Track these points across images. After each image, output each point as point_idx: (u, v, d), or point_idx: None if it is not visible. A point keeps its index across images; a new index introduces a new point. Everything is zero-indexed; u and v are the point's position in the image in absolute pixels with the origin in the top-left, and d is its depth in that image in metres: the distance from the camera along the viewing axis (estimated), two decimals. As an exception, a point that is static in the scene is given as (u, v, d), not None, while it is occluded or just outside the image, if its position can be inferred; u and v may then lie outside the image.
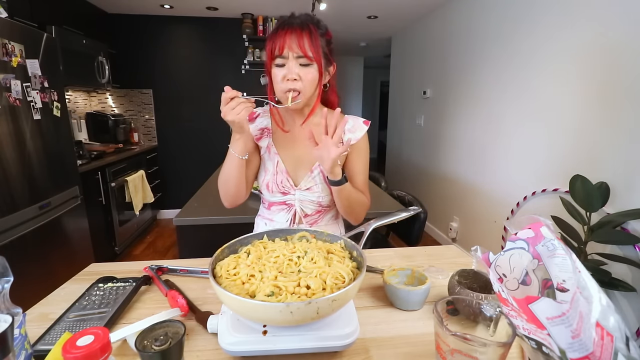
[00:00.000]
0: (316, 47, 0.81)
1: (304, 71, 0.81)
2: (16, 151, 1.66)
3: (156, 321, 0.49)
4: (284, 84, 0.81)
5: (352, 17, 3.56)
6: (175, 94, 3.67)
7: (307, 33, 0.80)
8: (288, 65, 0.80)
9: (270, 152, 0.95)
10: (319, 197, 0.94)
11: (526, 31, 2.09)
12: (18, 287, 0.58)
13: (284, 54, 0.80)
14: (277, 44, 0.80)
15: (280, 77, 0.81)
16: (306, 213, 0.96)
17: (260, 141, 0.97)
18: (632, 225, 1.50)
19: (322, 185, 0.92)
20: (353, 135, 0.94)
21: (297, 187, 0.94)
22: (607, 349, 0.38)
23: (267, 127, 0.97)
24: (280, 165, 0.94)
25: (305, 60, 0.80)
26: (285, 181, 0.93)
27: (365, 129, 0.95)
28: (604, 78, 1.62)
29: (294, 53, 0.80)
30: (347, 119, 0.95)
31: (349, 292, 0.52)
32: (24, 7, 2.11)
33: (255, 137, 0.97)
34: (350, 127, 0.95)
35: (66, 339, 0.48)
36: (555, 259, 0.47)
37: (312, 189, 0.93)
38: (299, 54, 0.79)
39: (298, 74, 0.81)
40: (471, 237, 2.78)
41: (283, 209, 0.97)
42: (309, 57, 0.80)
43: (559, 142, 1.89)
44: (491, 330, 0.48)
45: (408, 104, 3.92)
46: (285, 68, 0.81)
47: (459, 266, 0.74)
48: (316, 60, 0.81)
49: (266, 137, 0.96)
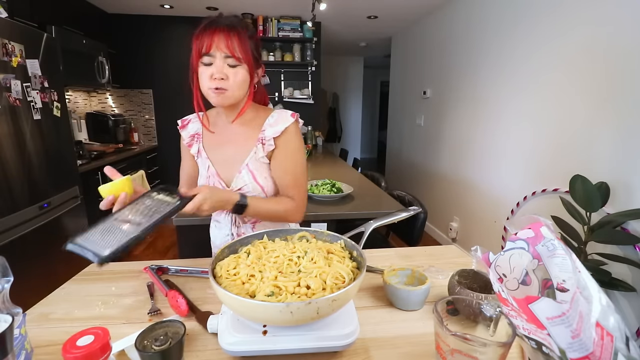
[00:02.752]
0: (245, 48, 0.80)
1: (233, 71, 0.80)
2: (16, 151, 1.66)
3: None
4: (211, 82, 0.80)
5: (352, 17, 3.56)
6: (175, 94, 3.67)
7: (236, 34, 0.79)
8: (216, 64, 0.79)
9: (201, 157, 0.94)
10: (247, 192, 0.91)
11: (526, 31, 2.09)
12: (18, 287, 0.58)
13: (212, 53, 0.79)
14: (205, 42, 0.78)
15: (208, 75, 0.80)
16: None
17: (192, 148, 0.96)
18: (632, 225, 1.50)
19: (252, 185, 0.89)
20: (272, 130, 0.88)
21: (230, 188, 0.91)
22: (607, 349, 0.38)
23: (198, 132, 0.97)
24: (211, 169, 0.92)
25: (233, 61, 0.79)
26: (217, 184, 0.91)
27: (291, 121, 0.89)
28: (604, 78, 1.62)
29: (222, 53, 0.79)
30: (272, 113, 0.92)
31: (349, 292, 0.52)
32: (24, 7, 2.11)
33: (187, 144, 0.97)
34: (272, 122, 0.90)
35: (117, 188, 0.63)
36: (555, 259, 0.47)
37: (243, 189, 0.90)
38: (227, 54, 0.78)
39: (226, 74, 0.80)
40: (471, 237, 2.78)
41: (223, 211, 0.95)
42: (238, 57, 0.79)
43: (559, 142, 1.89)
44: (491, 330, 0.48)
45: (408, 104, 3.92)
46: (213, 67, 0.79)
47: (459, 266, 0.74)
48: (246, 61, 0.81)
49: (196, 142, 0.96)
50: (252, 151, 0.90)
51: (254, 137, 0.91)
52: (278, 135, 0.88)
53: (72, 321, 0.67)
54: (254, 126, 0.91)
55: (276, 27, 3.51)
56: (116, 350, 0.54)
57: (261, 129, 0.90)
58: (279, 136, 0.88)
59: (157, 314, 0.68)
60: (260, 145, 0.89)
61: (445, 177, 3.12)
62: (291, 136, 0.89)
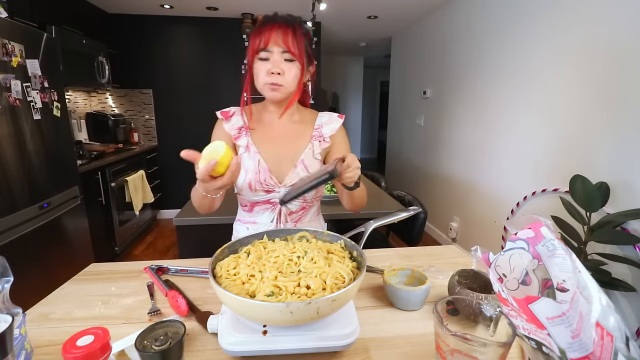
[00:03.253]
0: (300, 45, 0.82)
1: (288, 67, 0.82)
2: (16, 151, 1.66)
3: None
4: (268, 77, 0.82)
5: (352, 17, 3.56)
6: (175, 94, 3.67)
7: (292, 30, 0.82)
8: (272, 59, 0.81)
9: (250, 151, 0.92)
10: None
11: (526, 31, 2.09)
12: (18, 287, 0.58)
13: (269, 48, 0.81)
14: (263, 37, 0.81)
15: (265, 70, 0.82)
16: (291, 210, 0.95)
17: (239, 140, 0.93)
18: (632, 225, 1.50)
19: None
20: (328, 127, 0.96)
21: (282, 184, 0.91)
22: (607, 349, 0.38)
23: (245, 125, 0.95)
24: (262, 164, 0.91)
25: (289, 56, 0.82)
26: (269, 179, 0.90)
27: (340, 121, 0.97)
28: (604, 78, 1.62)
29: (279, 48, 0.81)
30: (320, 114, 0.99)
31: (349, 292, 0.52)
32: (24, 7, 2.11)
33: (234, 137, 0.93)
34: (326, 120, 0.97)
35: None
36: (555, 259, 0.47)
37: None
38: (284, 48, 0.81)
39: (282, 69, 0.82)
40: (471, 237, 2.78)
41: (267, 209, 0.95)
42: (293, 52, 0.81)
43: (559, 142, 1.89)
44: (491, 330, 0.48)
45: (408, 104, 3.92)
46: (270, 62, 0.82)
47: (459, 266, 0.74)
48: (299, 57, 0.82)
49: (244, 135, 0.93)
50: (308, 148, 0.93)
51: (307, 134, 0.95)
52: (334, 133, 0.95)
53: (72, 321, 0.67)
54: (305, 123, 0.96)
55: (276, 27, 3.51)
56: (116, 350, 0.54)
57: (313, 127, 0.95)
58: (334, 134, 0.95)
59: (157, 314, 0.68)
60: (317, 142, 0.93)
61: (445, 177, 3.12)
62: (344, 134, 0.98)
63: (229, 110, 0.96)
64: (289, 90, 0.85)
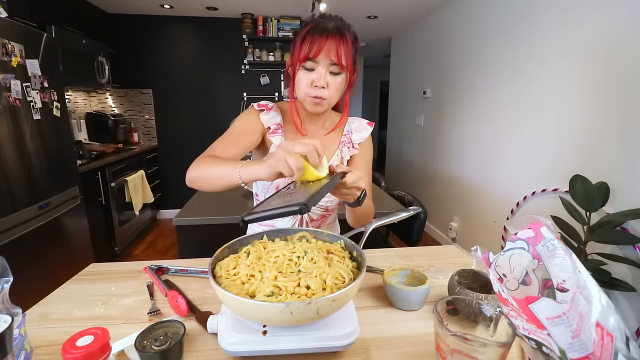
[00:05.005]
0: (349, 57, 0.77)
1: (333, 79, 0.78)
2: (16, 151, 1.66)
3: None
4: (312, 89, 0.78)
5: (352, 17, 3.56)
6: (175, 94, 3.67)
7: (344, 41, 0.76)
8: (318, 71, 0.77)
9: None
10: (327, 201, 0.92)
11: (526, 31, 2.09)
12: (18, 287, 0.58)
13: (317, 60, 0.76)
14: (313, 47, 0.75)
15: (308, 82, 0.78)
16: (312, 218, 0.95)
17: (274, 137, 0.89)
18: (632, 225, 1.50)
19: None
20: (358, 135, 0.93)
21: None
22: (607, 349, 0.38)
23: (280, 123, 0.91)
24: None
25: (337, 69, 0.77)
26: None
27: (370, 129, 0.94)
28: (603, 78, 1.62)
29: (328, 60, 0.76)
30: (350, 119, 0.95)
31: (349, 292, 0.51)
32: (24, 7, 2.11)
33: (270, 131, 0.89)
34: (356, 127, 0.94)
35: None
36: (555, 259, 0.47)
37: None
38: (334, 61, 0.76)
39: (327, 82, 0.77)
40: (471, 237, 2.78)
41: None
42: (342, 65, 0.76)
43: (558, 142, 1.89)
44: (491, 330, 0.48)
45: (408, 104, 3.92)
46: (315, 73, 0.77)
47: (459, 266, 0.74)
48: (348, 69, 0.78)
49: (280, 134, 0.89)
50: (336, 154, 0.92)
51: (336, 140, 0.93)
52: (363, 141, 0.92)
53: (71, 321, 0.66)
54: (335, 129, 0.93)
55: (276, 27, 3.51)
56: (116, 351, 0.54)
57: (342, 132, 0.93)
58: (363, 142, 0.93)
59: (157, 314, 0.68)
60: (345, 149, 0.92)
61: (445, 177, 3.12)
62: (370, 144, 0.95)
63: (267, 103, 0.92)
64: (331, 103, 0.82)
